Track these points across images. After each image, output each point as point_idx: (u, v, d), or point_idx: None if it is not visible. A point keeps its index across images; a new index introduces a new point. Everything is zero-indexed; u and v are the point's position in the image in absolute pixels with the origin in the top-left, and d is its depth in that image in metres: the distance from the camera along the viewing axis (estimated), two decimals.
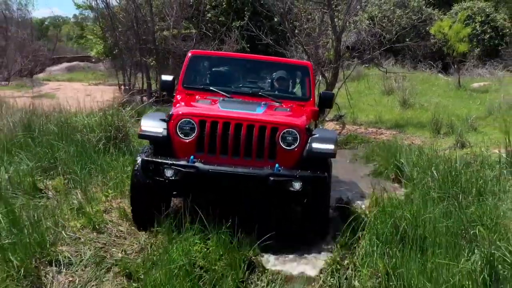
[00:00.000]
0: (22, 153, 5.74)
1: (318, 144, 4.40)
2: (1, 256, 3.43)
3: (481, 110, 11.09)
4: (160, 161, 4.22)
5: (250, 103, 4.96)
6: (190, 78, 5.61)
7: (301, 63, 6.22)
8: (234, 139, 4.32)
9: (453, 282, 2.96)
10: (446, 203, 4.14)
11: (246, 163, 4.29)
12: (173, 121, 4.41)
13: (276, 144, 4.33)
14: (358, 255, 3.67)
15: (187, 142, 4.36)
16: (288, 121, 4.53)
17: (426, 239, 3.57)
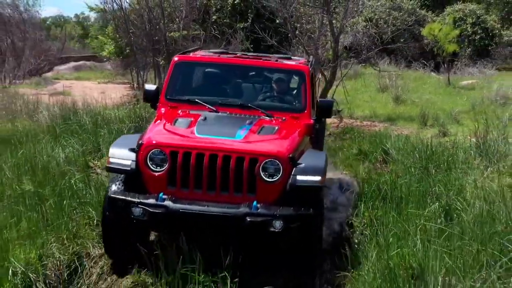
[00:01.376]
0: (71, 139, 6.87)
1: (303, 175, 3.90)
2: (81, 210, 4.56)
3: (466, 105, 12.21)
4: (126, 199, 3.81)
5: (232, 123, 4.42)
6: (175, 87, 5.04)
7: (296, 68, 5.34)
8: (209, 171, 3.86)
9: (419, 223, 4.07)
10: (419, 172, 5.27)
11: (222, 199, 3.86)
12: (142, 152, 3.94)
13: (256, 176, 3.87)
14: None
15: (157, 175, 3.92)
16: (269, 149, 4.00)
17: (402, 197, 4.69)
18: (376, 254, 3.54)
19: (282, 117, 4.69)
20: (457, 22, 21.65)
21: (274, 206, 3.74)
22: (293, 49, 16.27)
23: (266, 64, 5.35)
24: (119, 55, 20.74)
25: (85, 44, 45.73)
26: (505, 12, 24.16)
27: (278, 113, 4.74)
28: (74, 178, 5.04)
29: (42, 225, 4.17)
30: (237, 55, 5.77)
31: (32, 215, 4.25)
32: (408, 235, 3.69)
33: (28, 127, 8.47)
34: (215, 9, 20.15)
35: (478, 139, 6.80)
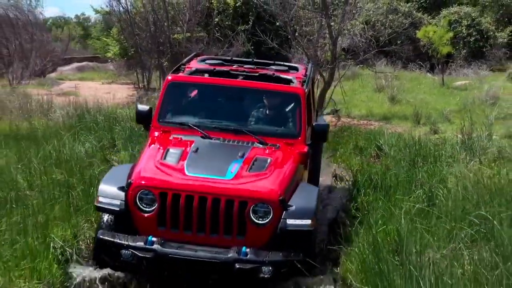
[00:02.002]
0: (88, 135, 7.44)
1: (293, 219, 3.86)
2: None
3: (458, 105, 12.79)
4: (115, 241, 3.80)
5: (224, 156, 4.33)
6: (168, 109, 4.98)
7: (291, 90, 5.08)
8: (198, 213, 3.86)
9: (405, 207, 4.64)
10: (407, 164, 5.85)
11: (212, 241, 3.87)
12: (132, 192, 3.92)
13: (246, 219, 3.86)
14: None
15: (147, 216, 3.92)
16: (259, 192, 3.96)
17: (390, 186, 5.26)
18: (365, 231, 4.12)
19: (276, 144, 4.59)
20: (453, 24, 22.23)
21: (264, 252, 3.74)
22: (293, 51, 16.86)
23: (260, 86, 5.11)
24: (124, 57, 21.31)
25: (85, 45, 46.02)
26: (499, 14, 24.66)
27: (272, 139, 4.65)
28: (98, 169, 5.60)
29: (73, 209, 4.74)
30: (233, 67, 5.52)
31: (63, 201, 4.81)
32: (393, 216, 4.27)
33: (45, 125, 9.06)
34: (217, 11, 20.73)
35: (464, 136, 7.37)
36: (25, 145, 6.85)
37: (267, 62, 6.15)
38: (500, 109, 11.22)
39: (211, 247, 3.82)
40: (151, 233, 3.85)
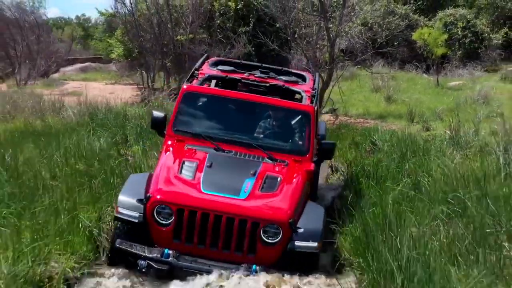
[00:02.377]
0: (102, 131, 7.99)
1: (301, 241, 4.09)
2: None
3: (451, 104, 13.34)
4: (133, 252, 4.05)
5: (237, 174, 4.52)
6: (182, 119, 5.17)
7: (302, 108, 5.28)
8: (212, 230, 4.09)
9: (393, 193, 5.18)
10: (398, 157, 6.40)
11: (223, 256, 4.10)
12: (150, 206, 4.14)
13: (257, 238, 4.09)
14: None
15: (164, 229, 4.14)
16: (270, 213, 4.22)
17: (381, 176, 5.81)
18: (357, 214, 4.66)
19: (285, 161, 4.78)
20: (448, 26, 22.77)
21: (272, 270, 3.96)
22: (292, 52, 17.42)
23: (272, 102, 5.30)
24: (127, 58, 21.83)
25: (86, 46, 46.40)
26: (494, 17, 25.14)
27: (281, 155, 4.85)
28: (116, 161, 6.14)
29: (96, 196, 5.27)
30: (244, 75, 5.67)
31: (86, 188, 5.35)
32: (382, 200, 4.81)
33: (59, 123, 9.60)
34: (218, 14, 21.28)
35: (452, 132, 7.93)
36: (45, 140, 7.40)
37: (275, 68, 6.27)
38: (490, 107, 11.76)
39: (222, 262, 4.03)
40: (166, 245, 4.08)
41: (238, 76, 5.66)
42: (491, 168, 5.51)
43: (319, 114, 6.68)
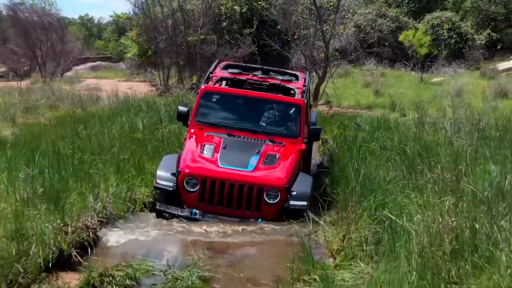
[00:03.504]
0: (140, 115, 10.03)
1: (294, 201, 5.37)
2: (170, 150, 7.71)
3: (429, 96, 15.40)
4: (169, 211, 5.41)
5: (245, 152, 5.76)
6: (202, 111, 6.41)
7: (295, 101, 6.55)
8: (228, 194, 5.36)
9: (364, 150, 7.19)
10: (372, 131, 8.46)
11: (237, 213, 5.36)
12: (181, 177, 5.45)
13: (261, 199, 5.36)
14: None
15: (191, 195, 5.44)
16: (271, 181, 5.45)
17: (358, 143, 7.85)
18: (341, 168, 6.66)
19: (282, 142, 6.04)
20: (435, 27, 24.83)
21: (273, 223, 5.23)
22: (292, 52, 19.50)
23: (272, 97, 6.52)
24: (142, 57, 23.86)
25: (89, 45, 48.20)
26: (479, 19, 27.18)
27: (279, 138, 6.11)
28: (163, 133, 8.17)
29: (151, 155, 7.26)
30: (249, 76, 6.96)
31: (141, 153, 7.32)
32: (356, 155, 6.85)
33: (100, 110, 11.62)
34: (225, 17, 23.32)
35: (419, 116, 9.99)
36: (97, 121, 9.44)
37: (274, 69, 7.58)
38: (461, 99, 13.82)
39: (235, 218, 5.35)
40: (193, 206, 5.41)
41: (244, 77, 6.99)
42: (438, 136, 7.57)
43: (311, 106, 8.10)
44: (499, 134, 7.18)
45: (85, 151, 6.84)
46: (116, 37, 40.09)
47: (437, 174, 5.14)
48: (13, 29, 22.87)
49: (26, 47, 21.72)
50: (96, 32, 54.99)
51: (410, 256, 3.58)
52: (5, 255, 3.91)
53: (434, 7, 28.29)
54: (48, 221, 4.54)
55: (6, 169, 5.88)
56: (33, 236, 4.26)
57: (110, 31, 42.78)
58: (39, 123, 10.21)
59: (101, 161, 6.46)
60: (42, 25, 21.79)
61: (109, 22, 50.96)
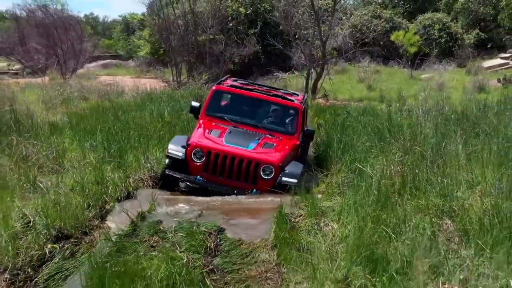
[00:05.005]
0: (164, 104, 11.87)
1: (286, 178, 6.11)
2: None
3: (415, 90, 17.19)
4: (176, 176, 6.12)
5: (248, 137, 6.57)
6: (212, 107, 7.23)
7: (293, 105, 7.38)
8: (229, 167, 6.09)
9: (349, 129, 9.02)
10: (358, 115, 10.30)
11: (235, 184, 6.07)
12: (190, 149, 6.25)
13: (258, 174, 6.08)
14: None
15: (197, 164, 6.19)
16: (267, 159, 6.17)
17: (347, 125, 9.67)
18: (329, 138, 8.51)
19: (280, 137, 6.84)
20: (426, 28, 26.60)
21: (267, 194, 5.94)
22: (293, 51, 21.30)
23: (274, 99, 7.39)
24: (154, 55, 25.66)
25: (95, 43, 49.76)
26: (469, 19, 28.94)
27: (277, 134, 6.92)
28: (185, 117, 10.00)
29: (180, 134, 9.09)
30: (256, 87, 7.77)
31: (172, 131, 9.14)
32: (343, 133, 8.67)
33: (125, 102, 13.44)
34: (231, 18, 25.12)
35: (400, 105, 11.82)
36: (129, 109, 11.27)
37: (278, 88, 8.82)
38: (441, 92, 15.62)
39: (233, 188, 6.11)
40: (198, 175, 6.21)
41: (251, 87, 7.83)
42: (410, 119, 9.40)
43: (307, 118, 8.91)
44: (457, 117, 8.99)
45: (128, 130, 8.67)
46: (125, 36, 41.83)
47: (400, 143, 6.97)
48: (36, 30, 24.67)
49: (48, 46, 23.51)
50: (101, 30, 56.71)
51: (369, 188, 5.40)
52: (95, 192, 5.78)
53: (428, 7, 30.06)
54: (117, 173, 6.41)
55: (73, 142, 7.76)
56: (108, 182, 6.13)
57: (119, 30, 44.49)
58: (77, 112, 12.04)
59: (143, 136, 8.30)
60: (63, 25, 23.57)
61: (115, 21, 52.69)
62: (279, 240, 4.51)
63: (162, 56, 24.51)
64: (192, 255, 4.27)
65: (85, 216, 5.30)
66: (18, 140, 6.90)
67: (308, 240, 4.46)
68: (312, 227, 4.82)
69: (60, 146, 7.18)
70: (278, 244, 4.49)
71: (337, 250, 4.09)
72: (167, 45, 21.53)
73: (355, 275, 3.54)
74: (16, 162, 6.35)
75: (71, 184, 5.91)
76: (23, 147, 6.75)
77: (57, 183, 5.81)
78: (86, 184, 5.88)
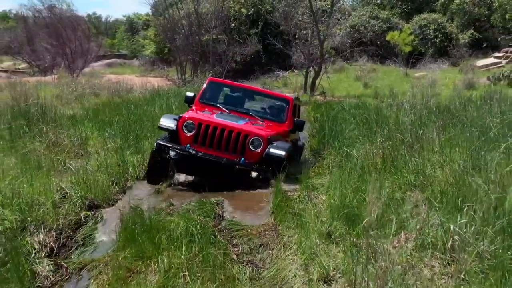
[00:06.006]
0: (173, 99, 12.80)
1: (274, 150, 6.25)
2: None
3: (407, 87, 18.07)
4: (167, 145, 6.26)
5: (238, 117, 6.75)
6: (206, 96, 7.50)
7: (285, 97, 7.87)
8: (218, 138, 6.20)
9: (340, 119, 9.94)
10: (351, 109, 11.22)
11: (224, 155, 6.20)
12: (181, 121, 6.41)
13: (246, 146, 6.19)
14: None
15: (188, 136, 6.33)
16: (256, 131, 6.34)
17: (339, 116, 10.59)
18: (321, 127, 9.40)
19: (270, 124, 7.12)
20: (422, 28, 27.49)
21: (254, 164, 6.20)
22: (293, 50, 22.23)
23: (267, 92, 8.28)
24: (159, 54, 26.60)
25: (97, 42, 50.73)
26: (464, 20, 29.80)
27: (268, 121, 7.18)
28: None
29: None
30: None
31: None
32: (334, 123, 9.58)
33: (134, 98, 14.37)
34: (233, 18, 26.05)
35: (391, 101, 12.72)
36: (139, 104, 12.20)
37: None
38: (432, 89, 16.51)
39: (222, 158, 6.25)
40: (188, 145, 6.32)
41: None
42: (398, 112, 10.31)
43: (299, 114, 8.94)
44: (439, 110, 9.90)
45: (141, 121, 9.60)
46: (129, 35, 42.82)
47: (384, 131, 7.88)
48: (46, 30, 25.62)
49: (57, 45, 24.45)
50: (103, 30, 57.76)
51: (354, 167, 6.31)
52: (117, 172, 6.72)
53: (425, 8, 30.95)
54: (135, 157, 7.35)
55: (94, 131, 8.70)
56: (128, 164, 7.07)
57: (124, 30, 45.52)
58: (91, 106, 12.97)
59: (155, 126, 9.22)
60: (71, 25, 24.52)
61: (117, 21, 53.70)
62: (275, 207, 5.42)
63: (166, 55, 25.45)
64: (203, 218, 5.17)
65: (111, 191, 6.25)
66: (47, 129, 7.83)
67: (300, 207, 5.36)
68: (304, 198, 5.72)
69: (83, 135, 8.11)
70: (275, 210, 5.40)
71: (322, 213, 4.99)
72: (172, 45, 22.41)
73: (335, 228, 4.45)
74: (48, 147, 7.28)
75: (96, 165, 6.83)
76: (51, 135, 7.68)
77: (85, 165, 6.74)
78: (110, 165, 6.81)
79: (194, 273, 3.88)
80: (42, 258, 4.47)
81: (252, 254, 4.57)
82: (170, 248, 4.18)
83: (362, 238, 4.13)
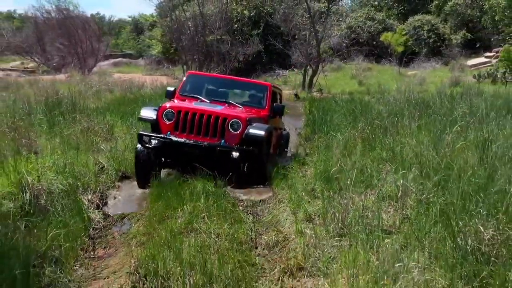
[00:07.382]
0: None
1: (253, 130, 6.37)
2: None
3: (398, 85, 19.41)
4: (148, 134, 6.37)
5: (217, 105, 6.83)
6: (186, 89, 7.65)
7: (264, 84, 8.17)
8: (198, 124, 6.29)
9: (334, 115, 11.34)
10: (341, 103, 12.59)
11: (204, 139, 6.28)
12: (161, 111, 6.47)
13: (226, 128, 6.28)
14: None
15: (168, 124, 6.40)
16: (235, 114, 6.46)
17: (330, 108, 11.97)
18: (313, 116, 10.78)
19: (249, 109, 7.19)
20: (416, 29, 28.82)
21: (235, 145, 6.28)
22: (292, 49, 23.56)
23: (246, 80, 8.48)
24: (165, 54, 27.95)
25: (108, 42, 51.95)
26: (458, 21, 31.09)
27: (247, 107, 7.29)
28: None
29: None
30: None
31: None
32: (325, 113, 10.94)
33: (145, 94, 15.73)
34: (236, 19, 27.42)
35: (380, 96, 14.09)
36: (153, 99, 13.58)
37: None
38: (420, 86, 17.88)
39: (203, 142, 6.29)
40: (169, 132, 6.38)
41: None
42: (383, 104, 11.68)
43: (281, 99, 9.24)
44: (417, 103, 11.27)
45: None
46: (135, 35, 44.20)
47: (367, 119, 9.24)
48: (59, 31, 27.04)
49: (69, 45, 25.89)
50: (107, 30, 59.15)
51: (337, 146, 7.67)
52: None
53: (421, 9, 32.26)
54: None
55: (117, 121, 10.09)
56: None
57: (129, 30, 46.89)
58: (108, 101, 14.34)
59: None
60: (82, 26, 25.95)
61: (121, 21, 55.04)
62: (273, 175, 6.82)
63: (172, 54, 26.75)
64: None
65: None
66: (80, 117, 9.23)
67: (292, 176, 6.74)
68: (296, 171, 7.10)
69: (110, 122, 9.49)
70: (272, 176, 6.80)
71: (308, 178, 6.38)
72: (179, 45, 23.75)
73: (317, 186, 5.82)
74: (82, 132, 8.66)
75: (124, 146, 8.21)
76: (84, 122, 9.06)
77: (114, 146, 8.12)
78: (135, 146, 8.16)
79: (210, 215, 5.24)
80: (94, 210, 5.86)
81: (254, 207, 5.95)
82: (192, 199, 5.55)
83: (337, 193, 5.50)
